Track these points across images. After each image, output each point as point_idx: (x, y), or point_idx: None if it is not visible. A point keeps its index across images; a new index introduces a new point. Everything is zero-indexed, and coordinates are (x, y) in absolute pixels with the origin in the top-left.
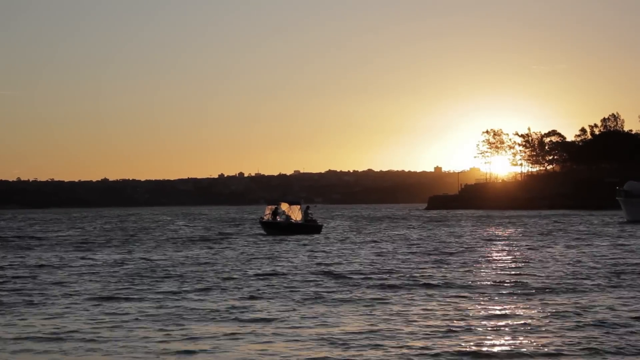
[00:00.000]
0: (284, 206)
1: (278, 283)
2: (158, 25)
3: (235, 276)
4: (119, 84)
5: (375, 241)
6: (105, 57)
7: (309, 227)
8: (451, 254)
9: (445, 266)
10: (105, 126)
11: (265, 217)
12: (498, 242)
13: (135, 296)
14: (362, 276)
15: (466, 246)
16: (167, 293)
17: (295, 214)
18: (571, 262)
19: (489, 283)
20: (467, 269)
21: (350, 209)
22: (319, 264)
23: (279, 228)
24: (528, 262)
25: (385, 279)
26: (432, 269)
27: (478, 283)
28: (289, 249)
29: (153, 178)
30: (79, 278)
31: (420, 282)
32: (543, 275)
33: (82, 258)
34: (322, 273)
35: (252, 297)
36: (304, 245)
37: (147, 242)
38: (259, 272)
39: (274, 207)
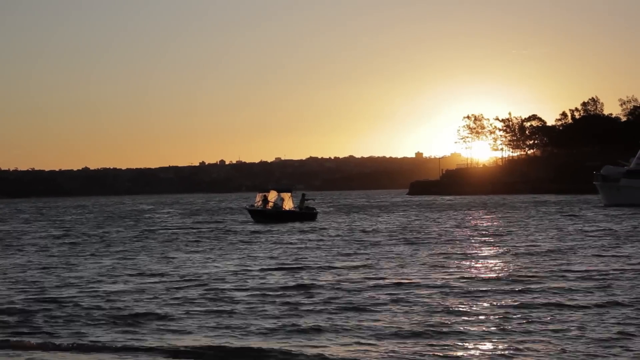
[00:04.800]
0: (273, 193)
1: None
2: (141, 14)
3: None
4: (100, 73)
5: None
6: (87, 46)
7: (303, 214)
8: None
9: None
10: (85, 115)
11: (256, 205)
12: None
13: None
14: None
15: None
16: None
17: (286, 201)
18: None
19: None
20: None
21: (334, 196)
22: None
23: (268, 216)
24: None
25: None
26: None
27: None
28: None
29: (134, 166)
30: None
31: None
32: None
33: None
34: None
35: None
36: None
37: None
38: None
39: (263, 194)
